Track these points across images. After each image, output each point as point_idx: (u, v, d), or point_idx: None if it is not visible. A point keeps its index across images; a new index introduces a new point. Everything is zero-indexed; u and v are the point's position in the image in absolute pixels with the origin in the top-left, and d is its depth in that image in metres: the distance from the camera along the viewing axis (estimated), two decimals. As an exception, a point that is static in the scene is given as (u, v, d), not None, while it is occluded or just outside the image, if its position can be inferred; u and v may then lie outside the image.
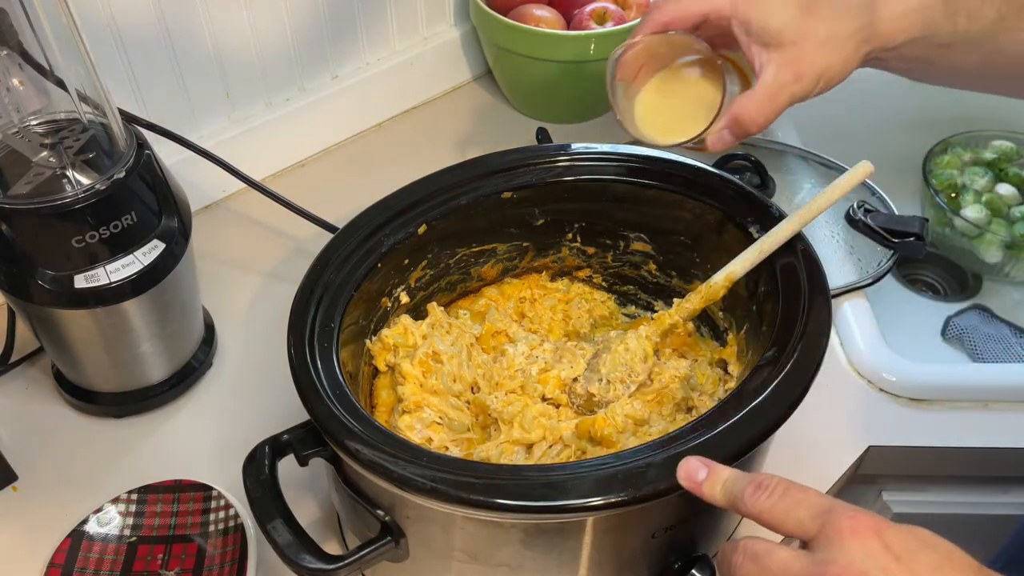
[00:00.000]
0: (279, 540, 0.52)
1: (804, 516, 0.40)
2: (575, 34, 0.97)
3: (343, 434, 0.52)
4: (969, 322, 0.91)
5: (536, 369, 0.65)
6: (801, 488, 0.41)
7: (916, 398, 0.76)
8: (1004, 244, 0.93)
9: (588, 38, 0.96)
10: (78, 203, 0.62)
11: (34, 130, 0.66)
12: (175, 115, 0.88)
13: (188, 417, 0.76)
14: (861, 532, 0.38)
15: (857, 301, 0.82)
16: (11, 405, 0.77)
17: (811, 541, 0.39)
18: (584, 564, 0.53)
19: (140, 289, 0.67)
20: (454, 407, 0.65)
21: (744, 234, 0.64)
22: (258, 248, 0.91)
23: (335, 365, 0.57)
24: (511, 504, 0.48)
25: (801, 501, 0.41)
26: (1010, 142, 1.03)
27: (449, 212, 0.68)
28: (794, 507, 0.40)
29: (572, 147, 0.71)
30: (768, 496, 0.41)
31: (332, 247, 0.64)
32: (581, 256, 0.75)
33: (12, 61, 0.64)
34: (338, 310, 0.60)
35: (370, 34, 1.01)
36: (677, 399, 0.64)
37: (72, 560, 0.63)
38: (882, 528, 0.38)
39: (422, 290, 0.71)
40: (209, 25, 0.86)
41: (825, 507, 0.40)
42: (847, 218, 0.86)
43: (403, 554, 0.55)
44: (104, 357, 0.72)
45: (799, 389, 0.53)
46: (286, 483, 0.55)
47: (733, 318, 0.67)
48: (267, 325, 0.82)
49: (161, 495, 0.67)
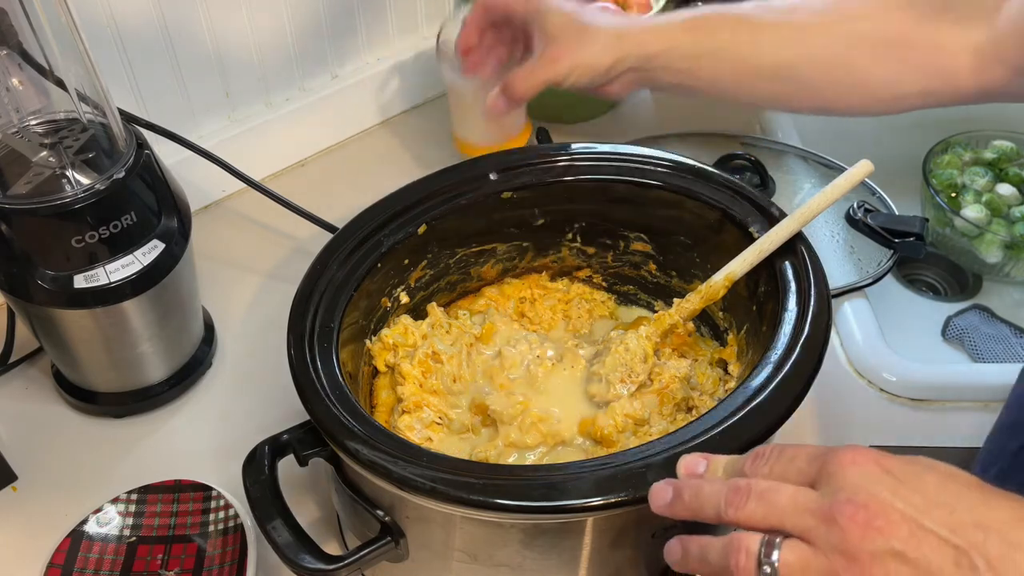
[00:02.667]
0: (279, 540, 0.52)
1: (803, 464, 0.41)
2: (575, 34, 0.97)
3: (343, 434, 0.52)
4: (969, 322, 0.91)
5: (542, 371, 0.65)
6: (793, 445, 0.42)
7: (916, 398, 0.76)
8: (1004, 244, 0.93)
9: (588, 38, 0.96)
10: (78, 203, 0.62)
11: (34, 130, 0.66)
12: (175, 115, 0.88)
13: (188, 417, 0.76)
14: (860, 461, 0.39)
15: (857, 301, 0.82)
16: (11, 405, 0.77)
17: (814, 483, 0.40)
18: (584, 564, 0.53)
19: (140, 289, 0.67)
20: (454, 407, 0.65)
21: (744, 234, 0.64)
22: (258, 248, 0.91)
23: (335, 365, 0.57)
24: (511, 504, 0.48)
25: (797, 454, 0.41)
26: (1010, 142, 1.03)
27: (449, 212, 0.68)
28: (791, 461, 0.41)
29: (572, 147, 0.71)
30: (765, 462, 0.42)
31: (332, 247, 0.64)
32: (581, 256, 0.75)
33: (12, 61, 0.64)
34: (338, 310, 0.60)
35: (370, 34, 1.01)
36: (677, 399, 0.64)
37: (72, 560, 0.63)
38: (880, 457, 0.39)
39: (422, 290, 0.71)
40: (209, 25, 0.86)
41: (821, 451, 0.41)
42: (847, 218, 0.86)
43: (403, 554, 0.55)
44: (104, 357, 0.72)
45: (799, 389, 0.53)
46: (286, 483, 0.55)
47: (733, 318, 0.67)
48: (267, 325, 0.82)
49: (161, 495, 0.67)
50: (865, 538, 0.36)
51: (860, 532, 0.37)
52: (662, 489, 0.44)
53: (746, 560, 0.39)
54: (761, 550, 0.39)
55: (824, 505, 0.38)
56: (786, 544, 0.39)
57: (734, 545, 0.40)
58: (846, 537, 0.37)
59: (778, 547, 0.39)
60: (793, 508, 0.39)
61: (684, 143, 0.95)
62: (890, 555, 0.36)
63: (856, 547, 0.37)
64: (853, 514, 0.37)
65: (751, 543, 0.40)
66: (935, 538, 0.36)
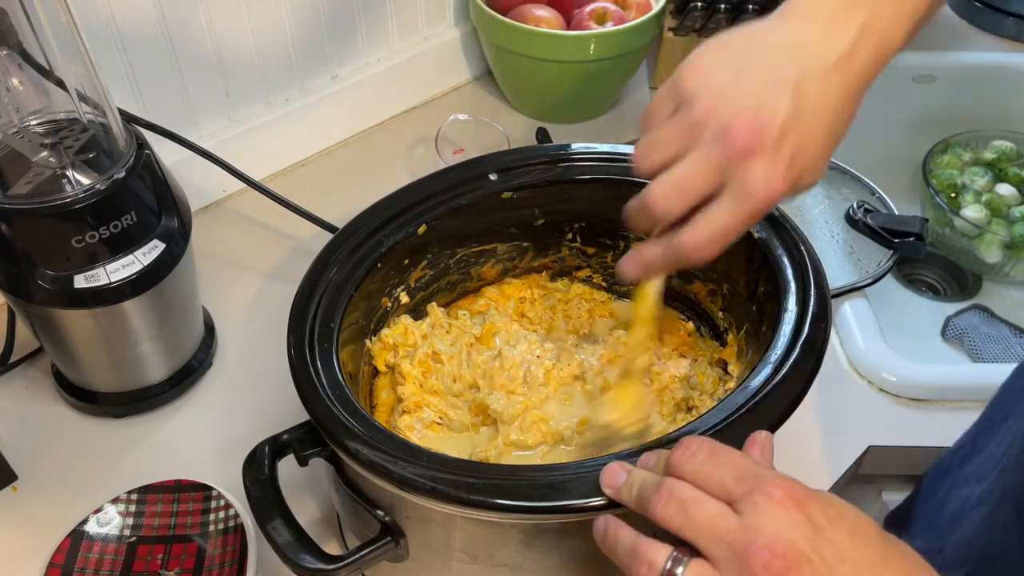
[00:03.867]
0: (279, 540, 0.52)
1: (729, 481, 0.41)
2: (575, 34, 0.97)
3: (343, 434, 0.52)
4: (969, 322, 0.91)
5: (542, 371, 0.65)
6: (725, 450, 0.43)
7: (916, 398, 0.76)
8: (1004, 244, 0.93)
9: (588, 38, 0.96)
10: (78, 203, 0.62)
11: (34, 130, 0.66)
12: (175, 115, 0.88)
13: (188, 417, 0.76)
14: (786, 504, 0.39)
15: (857, 301, 0.82)
16: (11, 405, 0.77)
17: (735, 503, 0.40)
18: (584, 564, 0.53)
19: (140, 289, 0.67)
20: (454, 407, 0.65)
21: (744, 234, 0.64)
22: (258, 248, 0.91)
23: (335, 365, 0.57)
24: (511, 504, 0.48)
25: (727, 464, 0.42)
26: (1010, 142, 1.03)
27: (449, 212, 0.68)
28: (718, 469, 0.42)
29: (572, 147, 0.71)
30: (691, 457, 0.42)
31: (332, 247, 0.64)
32: (581, 256, 0.75)
33: (12, 61, 0.64)
34: (338, 310, 0.60)
35: (370, 34, 1.01)
36: (677, 399, 0.64)
37: (72, 560, 0.63)
38: (802, 499, 0.39)
39: (422, 290, 0.71)
40: (209, 25, 0.86)
41: (750, 472, 0.41)
42: (847, 218, 0.86)
43: (403, 554, 0.55)
44: (104, 357, 0.72)
45: (799, 389, 0.53)
46: (286, 483, 0.55)
47: (733, 318, 0.67)
48: (267, 325, 0.82)
49: (161, 495, 0.67)
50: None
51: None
52: (616, 472, 0.46)
53: (647, 572, 0.40)
54: (666, 565, 0.40)
55: (742, 540, 0.39)
56: (692, 564, 0.40)
57: (640, 554, 0.41)
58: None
59: (684, 565, 0.40)
60: (710, 530, 0.40)
61: (684, 143, 0.95)
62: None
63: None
64: (768, 562, 0.38)
65: (657, 557, 0.40)
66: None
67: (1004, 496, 0.58)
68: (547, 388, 0.64)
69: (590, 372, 0.65)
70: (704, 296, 0.70)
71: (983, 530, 0.60)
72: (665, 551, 0.40)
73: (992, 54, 1.18)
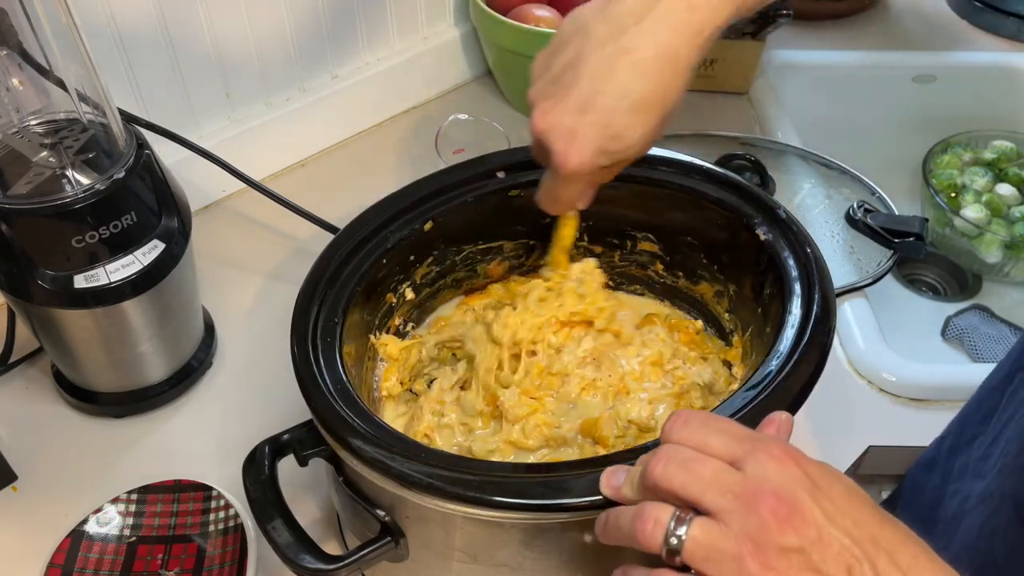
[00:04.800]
0: (279, 540, 0.52)
1: (732, 441, 0.41)
2: (575, 34, 0.97)
3: (342, 428, 0.52)
4: (969, 322, 0.91)
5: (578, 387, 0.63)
6: (716, 418, 0.44)
7: (916, 398, 0.76)
8: (1004, 244, 0.93)
9: (588, 38, 0.96)
10: (78, 203, 0.62)
11: (34, 130, 0.66)
12: (175, 115, 0.88)
13: (188, 417, 0.76)
14: (786, 461, 0.40)
15: (857, 301, 0.82)
16: (11, 405, 0.77)
17: (736, 462, 0.41)
18: (584, 564, 0.53)
19: (140, 289, 0.67)
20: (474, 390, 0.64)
21: (751, 234, 0.64)
22: (258, 248, 0.91)
23: (337, 360, 0.57)
24: (509, 502, 0.48)
25: (726, 429, 0.42)
26: (1010, 142, 1.03)
27: (456, 209, 0.68)
28: (718, 434, 0.42)
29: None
30: (685, 424, 0.43)
31: (339, 242, 0.64)
32: (588, 255, 0.75)
33: (12, 61, 0.64)
34: (342, 304, 0.60)
35: (370, 34, 1.01)
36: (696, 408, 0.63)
37: (72, 560, 0.63)
38: (801, 460, 0.40)
39: (427, 287, 0.71)
40: (209, 25, 0.86)
41: (748, 434, 0.42)
42: (847, 218, 0.86)
43: (403, 554, 0.55)
44: (104, 357, 0.72)
45: (799, 393, 0.52)
46: (286, 483, 0.55)
47: (739, 320, 0.67)
48: (267, 325, 0.82)
49: (161, 495, 0.67)
50: (780, 532, 0.38)
51: (778, 526, 0.38)
52: (615, 473, 0.46)
53: (653, 528, 0.40)
54: (671, 523, 0.40)
55: (748, 489, 0.39)
56: (696, 522, 0.40)
57: (644, 513, 0.41)
58: (763, 527, 0.38)
59: (688, 523, 0.40)
60: (715, 483, 0.40)
61: (684, 143, 0.96)
62: (795, 552, 0.38)
63: (769, 538, 0.38)
64: (776, 507, 0.38)
65: (661, 514, 0.40)
66: (837, 545, 0.38)
67: (1004, 500, 0.58)
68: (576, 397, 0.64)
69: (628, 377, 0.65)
70: (711, 297, 0.70)
71: (985, 532, 0.60)
72: (669, 510, 0.40)
73: (992, 54, 1.18)
